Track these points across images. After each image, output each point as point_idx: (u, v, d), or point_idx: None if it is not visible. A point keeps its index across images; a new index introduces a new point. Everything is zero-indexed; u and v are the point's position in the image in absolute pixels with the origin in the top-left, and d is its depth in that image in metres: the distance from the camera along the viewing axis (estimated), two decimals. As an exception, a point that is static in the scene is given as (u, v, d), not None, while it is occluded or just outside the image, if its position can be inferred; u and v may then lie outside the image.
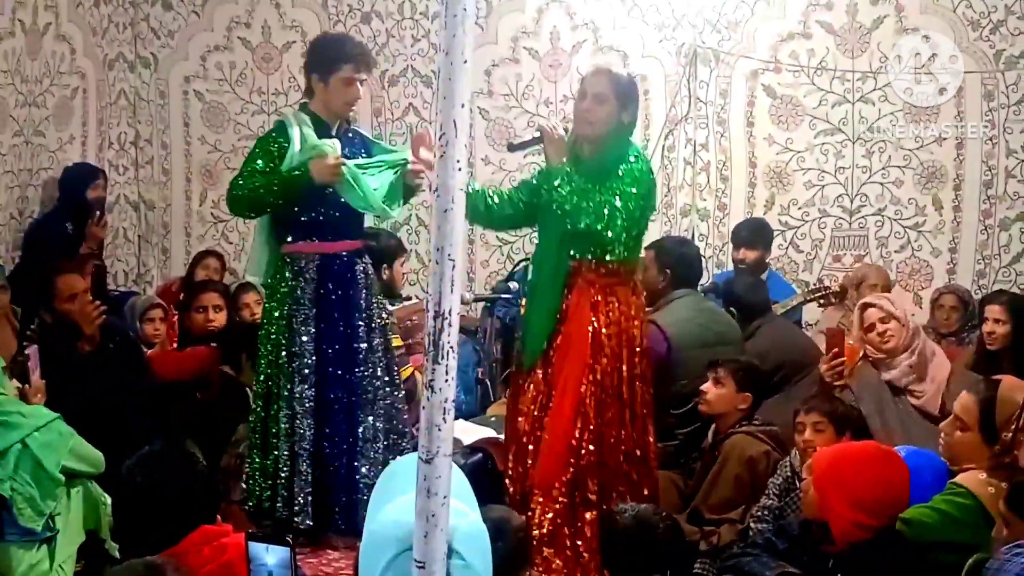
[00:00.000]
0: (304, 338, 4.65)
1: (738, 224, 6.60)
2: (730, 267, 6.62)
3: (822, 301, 6.12)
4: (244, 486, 4.73)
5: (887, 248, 6.83)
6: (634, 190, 4.17)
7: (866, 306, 4.77)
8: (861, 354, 4.71)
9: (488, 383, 6.06)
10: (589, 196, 4.09)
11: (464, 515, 1.80)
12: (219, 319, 5.66)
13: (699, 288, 5.72)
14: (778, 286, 6.40)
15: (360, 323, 4.72)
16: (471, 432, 5.11)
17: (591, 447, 4.17)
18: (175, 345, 5.81)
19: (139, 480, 3.04)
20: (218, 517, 3.17)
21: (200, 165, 7.71)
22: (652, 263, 5.20)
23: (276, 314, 4.71)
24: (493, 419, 5.25)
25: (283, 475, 4.61)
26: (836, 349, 4.57)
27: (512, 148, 4.36)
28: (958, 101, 6.62)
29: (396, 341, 5.29)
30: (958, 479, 3.49)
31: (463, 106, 1.66)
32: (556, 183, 4.10)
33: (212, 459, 4.78)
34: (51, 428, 4.04)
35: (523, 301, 5.11)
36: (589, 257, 4.21)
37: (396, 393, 4.85)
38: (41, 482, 3.89)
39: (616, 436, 4.22)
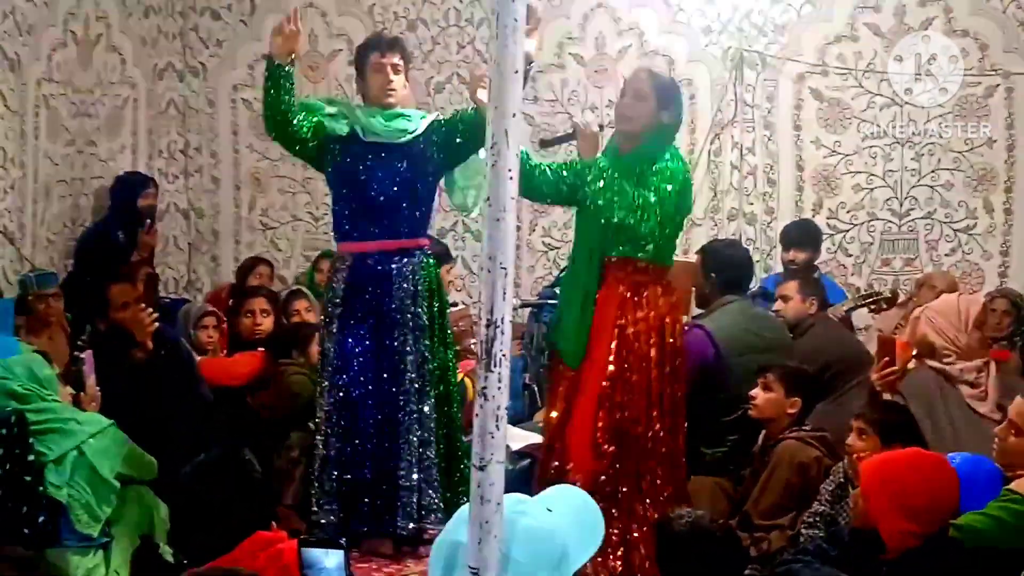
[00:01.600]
0: (333, 338, 4.69)
1: (787, 225, 6.57)
2: (777, 271, 6.58)
3: (873, 307, 6.07)
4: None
5: (937, 252, 6.77)
6: (669, 187, 4.15)
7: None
8: (914, 353, 4.65)
9: (535, 388, 6.05)
10: (623, 191, 4.07)
11: (533, 515, 1.80)
12: (266, 324, 5.70)
13: (748, 291, 5.67)
14: (828, 289, 6.34)
15: (393, 324, 4.65)
16: (518, 438, 5.11)
17: (614, 442, 4.17)
18: (225, 352, 5.86)
19: (195, 487, 3.07)
20: (273, 523, 3.19)
21: (249, 173, 7.77)
22: (700, 268, 5.18)
23: (323, 315, 4.87)
24: (540, 424, 5.24)
25: (312, 473, 4.68)
26: (887, 358, 4.50)
27: (544, 144, 4.31)
28: (1008, 103, 6.56)
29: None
30: (1013, 485, 3.44)
31: (514, 116, 1.67)
32: (589, 178, 4.10)
33: (266, 463, 4.81)
34: (106, 435, 4.10)
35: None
36: (621, 253, 4.19)
37: (448, 398, 4.84)
38: (97, 488, 3.95)
39: (642, 433, 4.21)
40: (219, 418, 5.00)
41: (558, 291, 6.11)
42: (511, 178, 1.68)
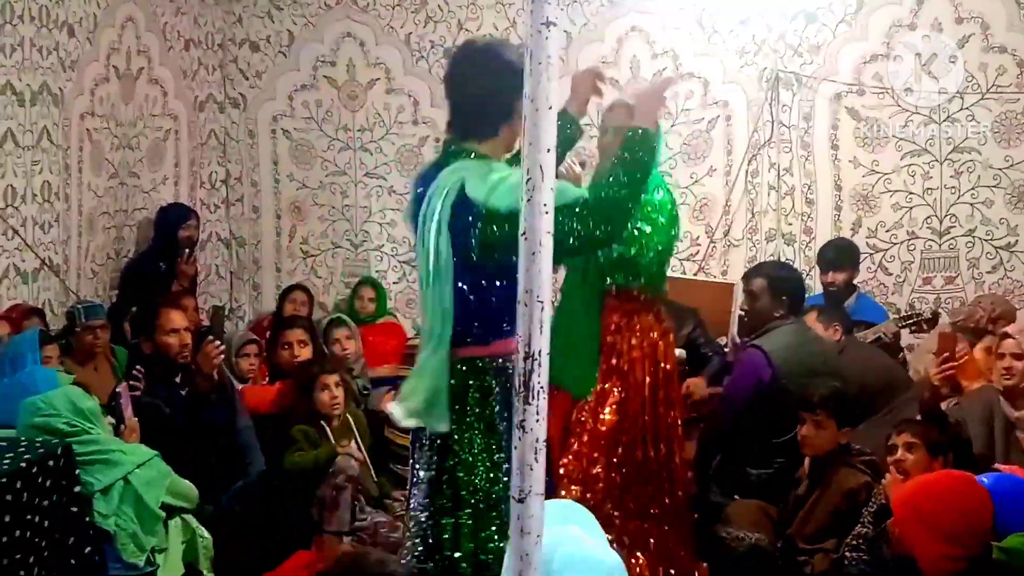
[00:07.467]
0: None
1: (823, 246, 6.46)
2: (816, 291, 6.54)
3: (914, 328, 6.02)
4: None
5: (978, 269, 6.73)
6: (661, 220, 4.15)
7: (1006, 335, 4.59)
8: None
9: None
10: None
11: (577, 544, 1.82)
12: (304, 354, 5.72)
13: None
14: (869, 308, 6.30)
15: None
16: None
17: (610, 471, 4.15)
18: (267, 379, 5.91)
19: (237, 510, 3.09)
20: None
21: (289, 202, 7.85)
22: (764, 292, 5.03)
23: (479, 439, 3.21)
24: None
25: None
26: (947, 353, 4.48)
27: None
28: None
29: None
30: (1057, 506, 3.42)
31: (549, 151, 1.69)
32: None
33: (311, 489, 4.83)
34: (151, 465, 4.16)
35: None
36: (619, 283, 4.19)
37: None
38: (142, 518, 4.00)
39: (640, 460, 4.19)
40: (261, 445, 5.04)
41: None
42: (546, 212, 1.69)
